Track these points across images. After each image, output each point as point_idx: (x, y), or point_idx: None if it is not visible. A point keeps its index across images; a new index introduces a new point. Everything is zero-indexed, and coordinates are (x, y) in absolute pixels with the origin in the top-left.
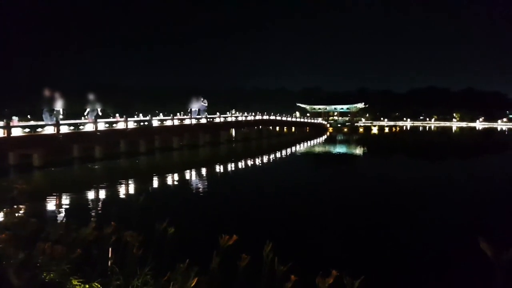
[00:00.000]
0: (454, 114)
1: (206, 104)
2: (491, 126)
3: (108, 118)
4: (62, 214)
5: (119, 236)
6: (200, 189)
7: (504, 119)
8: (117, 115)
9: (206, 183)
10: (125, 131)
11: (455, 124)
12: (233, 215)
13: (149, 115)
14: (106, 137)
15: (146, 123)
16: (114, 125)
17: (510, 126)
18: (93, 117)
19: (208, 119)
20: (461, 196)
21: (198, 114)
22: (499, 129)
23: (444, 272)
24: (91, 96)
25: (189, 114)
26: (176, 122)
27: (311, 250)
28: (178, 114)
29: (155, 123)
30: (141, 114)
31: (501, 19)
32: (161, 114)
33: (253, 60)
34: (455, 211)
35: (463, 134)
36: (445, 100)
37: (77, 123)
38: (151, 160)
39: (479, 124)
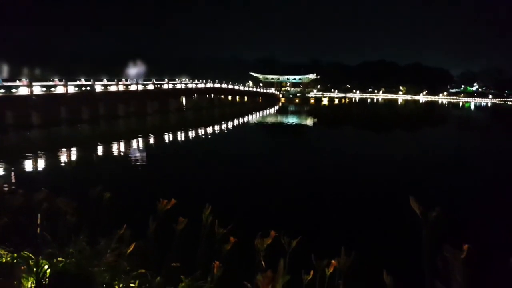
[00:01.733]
0: (401, 88)
1: (143, 70)
2: (433, 99)
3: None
4: None
5: (50, 204)
6: (143, 159)
7: (445, 93)
8: (55, 79)
9: (150, 152)
10: (65, 96)
11: (401, 97)
12: (176, 183)
13: (92, 80)
14: (44, 102)
15: (88, 87)
16: (52, 89)
17: (449, 100)
18: (28, 80)
19: (156, 85)
20: (397, 161)
21: (136, 80)
22: (440, 102)
23: (376, 229)
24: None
25: (126, 80)
26: (122, 88)
27: (251, 213)
28: (123, 80)
29: (98, 88)
30: (83, 79)
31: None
32: (104, 79)
33: (205, 28)
34: (391, 175)
35: (407, 107)
36: (393, 74)
37: (10, 85)
38: (95, 128)
39: (422, 98)
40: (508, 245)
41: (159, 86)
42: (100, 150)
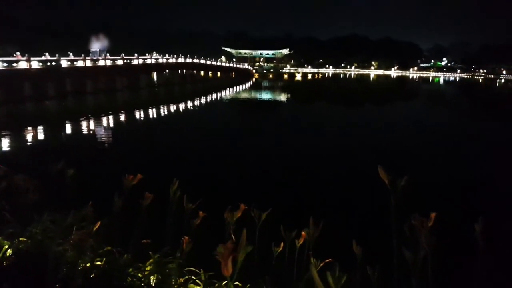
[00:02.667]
0: (373, 63)
1: (106, 45)
2: (404, 74)
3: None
4: None
5: (9, 181)
6: (111, 136)
7: (416, 68)
8: (17, 53)
9: (118, 129)
10: (28, 72)
11: (373, 72)
12: (145, 159)
13: (57, 55)
14: (5, 78)
15: (53, 63)
16: (15, 64)
17: (419, 75)
18: None
19: (126, 61)
20: (367, 134)
21: (99, 55)
22: (410, 77)
23: (345, 200)
24: None
25: (90, 55)
26: (89, 63)
27: (221, 188)
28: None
29: (65, 63)
30: (47, 54)
31: None
32: (71, 54)
33: (177, 0)
34: (361, 147)
35: (379, 82)
36: (365, 49)
37: None
38: (61, 104)
39: (393, 72)
40: (474, 212)
41: (128, 61)
42: (66, 127)
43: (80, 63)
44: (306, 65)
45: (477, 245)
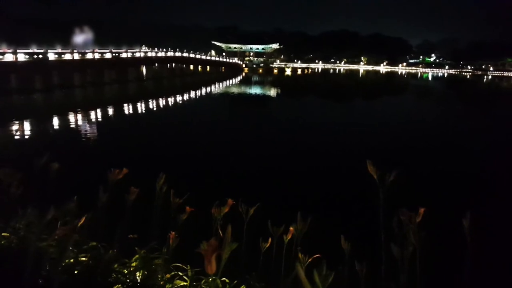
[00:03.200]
0: (362, 58)
1: (91, 37)
2: (393, 69)
3: None
4: None
5: None
6: (98, 129)
7: (404, 64)
8: (3, 45)
9: (106, 123)
10: (15, 64)
11: (362, 67)
12: (132, 153)
13: (45, 47)
14: None
15: (40, 56)
16: (0, 56)
17: (408, 70)
18: None
19: (114, 54)
20: (357, 129)
21: (84, 48)
22: (399, 72)
23: (335, 195)
24: None
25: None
26: (77, 56)
27: (209, 183)
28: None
29: (52, 56)
30: (34, 47)
31: None
32: (58, 47)
33: None
34: (350, 142)
35: (368, 77)
36: (355, 44)
37: None
38: (48, 98)
39: (382, 68)
40: (462, 206)
41: (117, 55)
42: (52, 121)
43: (67, 56)
44: (296, 60)
45: (465, 240)
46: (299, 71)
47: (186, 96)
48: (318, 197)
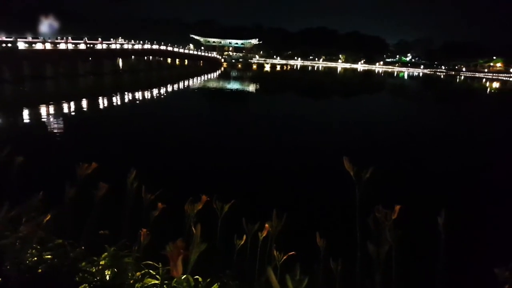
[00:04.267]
0: (340, 56)
1: (56, 26)
2: (370, 68)
3: None
4: None
5: None
6: (67, 123)
7: (381, 62)
8: None
9: (76, 117)
10: None
11: (340, 65)
12: (102, 148)
13: (14, 36)
14: None
15: (10, 44)
16: None
17: (385, 69)
18: None
19: (89, 45)
20: (334, 126)
21: (50, 38)
22: (376, 71)
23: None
24: None
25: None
26: (49, 46)
27: (183, 178)
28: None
29: (22, 45)
30: (3, 35)
31: None
32: (29, 37)
33: None
34: (328, 140)
35: (346, 75)
36: (334, 42)
37: None
38: (17, 89)
39: (360, 66)
40: (437, 204)
41: (92, 46)
42: (20, 113)
43: (39, 46)
44: (275, 56)
45: (440, 237)
46: (278, 68)
47: (163, 90)
48: (294, 193)
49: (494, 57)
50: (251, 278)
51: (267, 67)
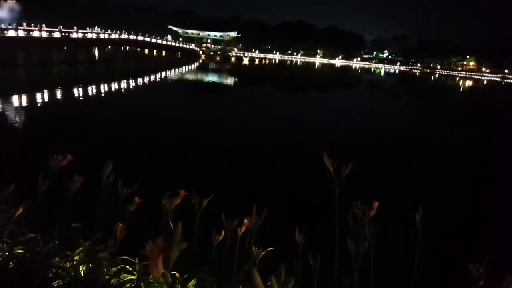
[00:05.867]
0: (318, 51)
1: (17, 10)
2: (347, 64)
3: None
4: None
5: None
6: (40, 113)
7: (359, 58)
8: None
9: (49, 106)
10: None
11: (318, 60)
12: (77, 140)
13: None
14: None
15: None
16: None
17: (362, 65)
18: None
19: (64, 34)
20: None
21: (10, 24)
22: (353, 67)
23: (289, 188)
24: None
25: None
26: (22, 33)
27: (160, 172)
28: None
29: None
30: None
31: None
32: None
33: None
34: (305, 134)
35: (323, 70)
36: (312, 36)
37: None
38: None
39: (338, 62)
40: (415, 201)
41: (67, 34)
42: None
43: (11, 33)
44: (253, 50)
45: (417, 234)
46: (257, 61)
47: (139, 81)
48: (273, 189)
49: (468, 56)
50: (229, 274)
51: (246, 60)
